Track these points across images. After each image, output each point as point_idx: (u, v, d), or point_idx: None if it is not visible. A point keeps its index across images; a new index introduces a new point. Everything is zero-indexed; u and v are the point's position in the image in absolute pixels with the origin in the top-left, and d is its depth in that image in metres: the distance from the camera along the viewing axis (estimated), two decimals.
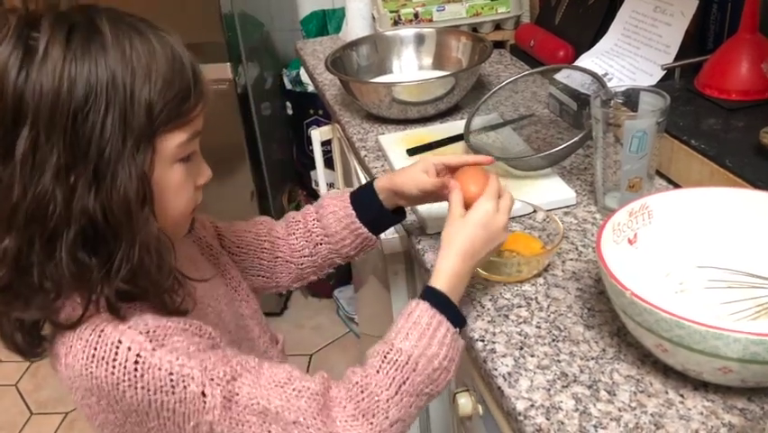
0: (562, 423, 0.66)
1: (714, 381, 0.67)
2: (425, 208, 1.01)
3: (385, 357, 0.70)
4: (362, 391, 0.68)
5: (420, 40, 1.48)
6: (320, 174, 1.62)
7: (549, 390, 0.70)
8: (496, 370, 0.74)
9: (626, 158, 0.90)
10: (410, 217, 1.03)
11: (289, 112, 2.45)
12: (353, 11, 1.67)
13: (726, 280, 0.77)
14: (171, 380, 0.62)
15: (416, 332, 0.71)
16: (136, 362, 0.62)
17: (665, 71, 1.14)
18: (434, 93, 1.27)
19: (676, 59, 1.14)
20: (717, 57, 1.07)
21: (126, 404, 0.63)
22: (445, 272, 0.75)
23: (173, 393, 0.63)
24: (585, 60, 1.28)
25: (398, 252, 1.10)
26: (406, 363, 0.69)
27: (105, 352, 0.62)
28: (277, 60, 2.36)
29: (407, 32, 1.49)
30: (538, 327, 0.79)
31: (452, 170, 0.87)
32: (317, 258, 0.93)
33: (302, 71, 2.31)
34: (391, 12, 1.60)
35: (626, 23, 1.26)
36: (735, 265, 0.78)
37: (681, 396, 0.68)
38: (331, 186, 1.69)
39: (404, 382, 0.69)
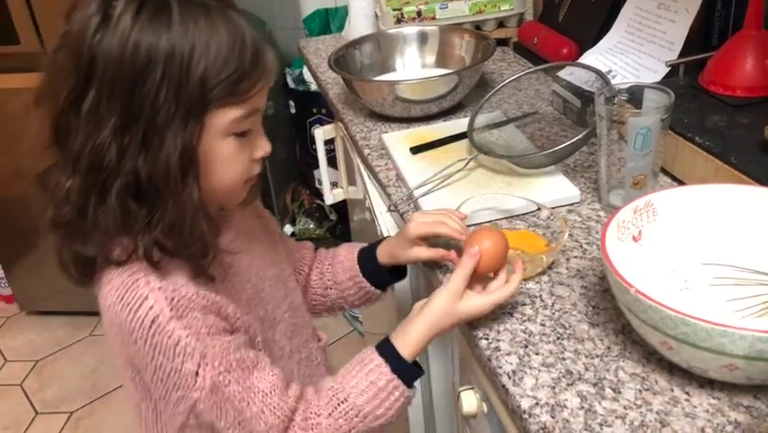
0: (567, 421, 0.66)
1: (720, 378, 0.66)
2: (428, 206, 1.01)
3: (338, 405, 0.75)
4: (312, 429, 0.75)
5: (423, 38, 1.47)
6: (323, 173, 1.62)
7: (554, 388, 0.70)
8: (500, 368, 0.73)
9: (631, 155, 0.90)
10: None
11: (292, 111, 2.46)
12: (356, 9, 1.66)
13: (732, 278, 0.76)
14: (175, 350, 0.68)
15: (371, 392, 0.76)
16: (153, 321, 0.68)
17: (669, 68, 1.13)
18: (438, 91, 1.26)
19: (680, 55, 1.13)
20: (721, 53, 1.07)
21: (135, 350, 0.70)
22: (412, 341, 0.78)
23: (172, 361, 0.69)
24: (589, 58, 1.27)
25: None
26: (356, 416, 0.75)
27: (131, 300, 0.69)
28: (279, 59, 2.36)
29: (410, 30, 1.49)
30: (543, 325, 0.78)
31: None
32: (327, 300, 0.99)
33: (305, 70, 2.32)
34: (394, 10, 1.60)
35: (629, 20, 1.25)
36: (740, 262, 0.77)
37: (687, 394, 0.68)
38: (334, 185, 1.69)
39: (349, 431, 0.75)
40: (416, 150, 1.17)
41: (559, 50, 1.38)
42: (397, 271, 0.97)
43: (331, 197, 1.63)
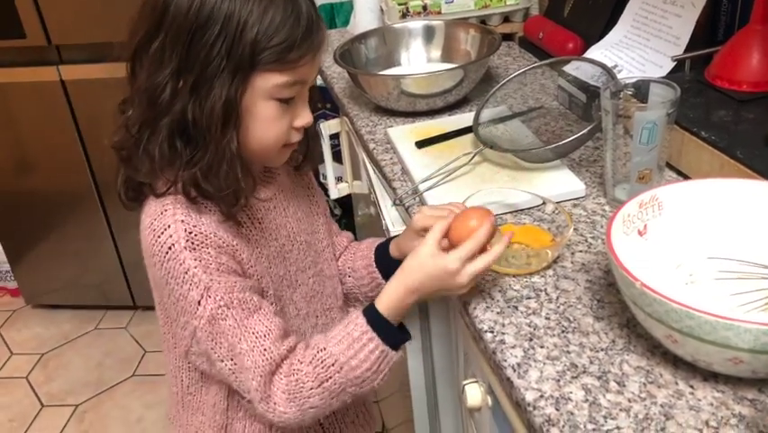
0: (572, 414, 0.66)
1: (724, 372, 0.66)
2: (434, 202, 1.02)
3: (317, 354, 0.79)
4: (294, 375, 0.78)
5: (429, 32, 1.47)
6: (328, 167, 1.62)
7: (558, 381, 0.70)
8: (505, 361, 0.74)
9: (636, 149, 0.90)
10: None
11: None
12: (362, 3, 1.67)
13: (737, 272, 0.77)
14: (183, 277, 0.76)
15: (347, 342, 0.79)
16: (170, 248, 0.76)
17: (675, 63, 1.13)
18: (443, 85, 1.27)
19: (686, 50, 1.13)
20: (727, 48, 1.07)
21: (153, 272, 0.79)
22: (389, 297, 0.81)
23: (181, 287, 0.76)
24: (594, 52, 1.27)
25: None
26: (332, 364, 0.78)
27: (157, 226, 0.77)
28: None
29: (416, 24, 1.49)
30: (547, 319, 0.79)
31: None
32: (344, 288, 1.01)
33: None
34: (399, 4, 1.60)
35: (635, 15, 1.25)
36: (745, 256, 0.77)
37: (691, 387, 0.68)
38: (339, 179, 1.69)
39: (326, 380, 0.78)
40: (421, 144, 1.17)
41: (564, 45, 1.38)
42: None
43: (336, 191, 1.64)
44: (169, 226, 0.76)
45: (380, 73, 1.42)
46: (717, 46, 1.09)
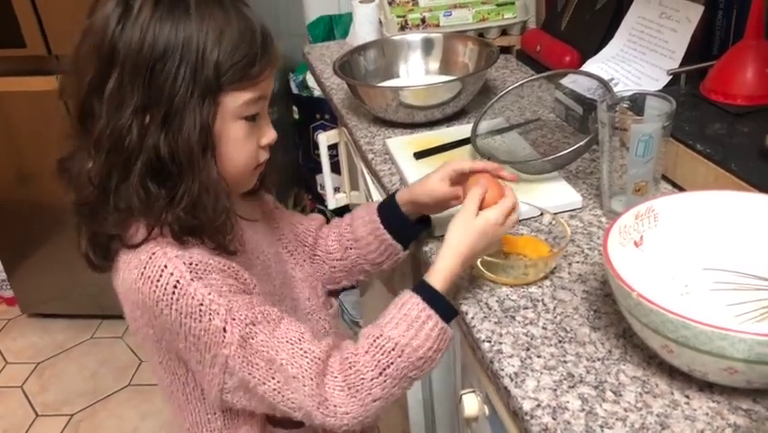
0: (569, 423, 0.67)
1: (720, 382, 0.67)
2: None
3: (374, 341, 0.76)
4: (351, 368, 0.75)
5: (427, 44, 1.49)
6: (326, 178, 1.63)
7: (555, 390, 0.71)
8: (502, 370, 0.74)
9: (633, 162, 0.91)
10: None
11: (296, 116, 2.47)
12: (361, 16, 1.68)
13: (732, 283, 0.77)
14: (200, 310, 0.71)
15: (405, 323, 0.76)
16: (175, 286, 0.71)
17: (671, 76, 1.14)
18: (441, 97, 1.28)
19: (682, 64, 1.14)
20: (722, 62, 1.08)
21: (162, 321, 0.73)
22: (441, 272, 0.80)
23: (200, 322, 0.72)
24: (591, 66, 1.29)
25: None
26: (393, 349, 0.75)
27: (152, 272, 0.72)
28: (283, 65, 2.37)
29: (414, 36, 1.50)
30: (544, 329, 0.79)
31: (467, 176, 0.89)
32: (347, 262, 0.98)
33: (308, 76, 2.33)
34: (398, 17, 1.61)
35: (632, 29, 1.26)
36: (740, 268, 0.78)
37: (687, 397, 0.68)
38: (337, 190, 1.70)
39: (388, 366, 0.75)
40: (419, 155, 1.18)
41: (562, 58, 1.39)
42: (420, 225, 0.96)
43: (334, 201, 1.64)
44: (165, 267, 0.72)
45: (379, 85, 1.43)
46: (712, 60, 1.10)
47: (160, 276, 0.71)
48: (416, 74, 1.49)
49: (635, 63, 1.22)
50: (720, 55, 1.09)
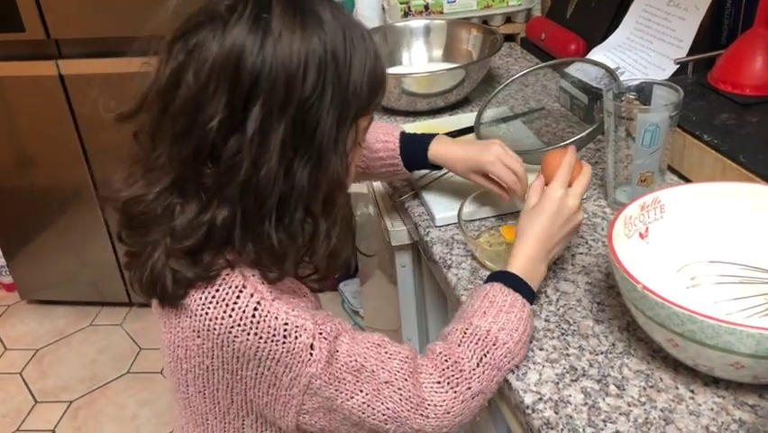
0: (571, 417, 0.66)
1: (725, 376, 0.66)
2: (433, 200, 1.01)
3: (465, 333, 0.72)
4: (447, 360, 0.70)
5: (430, 31, 1.47)
6: None
7: (558, 383, 0.70)
8: None
9: (638, 152, 0.89)
10: (419, 209, 1.03)
11: None
12: (363, 2, 1.66)
13: (738, 276, 0.76)
14: (285, 329, 0.64)
15: (493, 310, 0.73)
16: (255, 308, 0.64)
17: (678, 66, 1.13)
18: (444, 85, 1.26)
19: (689, 53, 1.13)
20: (731, 52, 1.06)
21: (232, 349, 0.65)
22: (519, 257, 0.78)
23: (283, 343, 0.64)
24: (597, 54, 1.27)
25: (406, 243, 1.09)
26: (486, 336, 0.71)
27: (227, 294, 0.64)
28: None
29: (418, 23, 1.48)
30: (547, 321, 0.78)
31: None
32: None
33: None
34: (401, 3, 1.59)
35: (638, 17, 1.24)
36: (747, 261, 0.77)
37: (692, 391, 0.67)
38: None
39: (485, 355, 0.70)
40: None
41: (567, 47, 1.37)
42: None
43: None
44: (244, 287, 0.64)
45: None
46: (721, 49, 1.09)
47: (238, 298, 0.64)
48: (419, 61, 1.47)
49: (641, 52, 1.21)
50: (729, 44, 1.08)
